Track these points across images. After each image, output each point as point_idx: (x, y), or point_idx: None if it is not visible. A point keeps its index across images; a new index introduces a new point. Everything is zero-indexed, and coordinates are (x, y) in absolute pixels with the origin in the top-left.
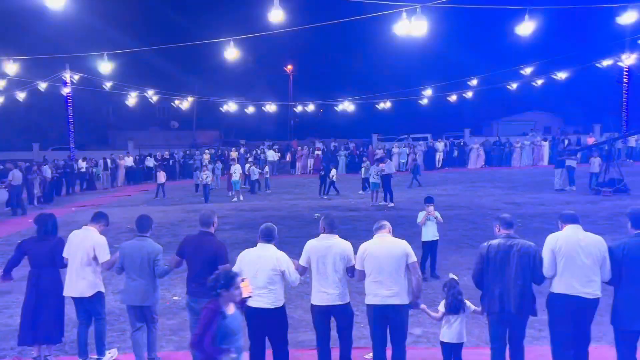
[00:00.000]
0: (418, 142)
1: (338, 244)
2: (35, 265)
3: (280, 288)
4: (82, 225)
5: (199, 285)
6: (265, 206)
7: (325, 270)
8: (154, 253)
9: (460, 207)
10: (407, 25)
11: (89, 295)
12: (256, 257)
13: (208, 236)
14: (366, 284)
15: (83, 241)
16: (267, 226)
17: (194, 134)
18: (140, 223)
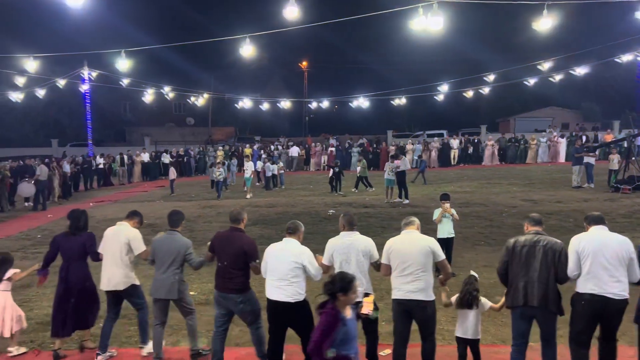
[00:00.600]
0: (432, 138)
1: (360, 240)
2: (66, 259)
3: (301, 282)
4: (100, 220)
5: (227, 281)
6: (280, 202)
7: (349, 267)
8: (184, 247)
9: (476, 204)
10: (424, 21)
11: (123, 288)
12: (279, 250)
13: (238, 232)
14: (392, 279)
15: (118, 236)
16: (292, 221)
17: (209, 131)
18: (171, 218)
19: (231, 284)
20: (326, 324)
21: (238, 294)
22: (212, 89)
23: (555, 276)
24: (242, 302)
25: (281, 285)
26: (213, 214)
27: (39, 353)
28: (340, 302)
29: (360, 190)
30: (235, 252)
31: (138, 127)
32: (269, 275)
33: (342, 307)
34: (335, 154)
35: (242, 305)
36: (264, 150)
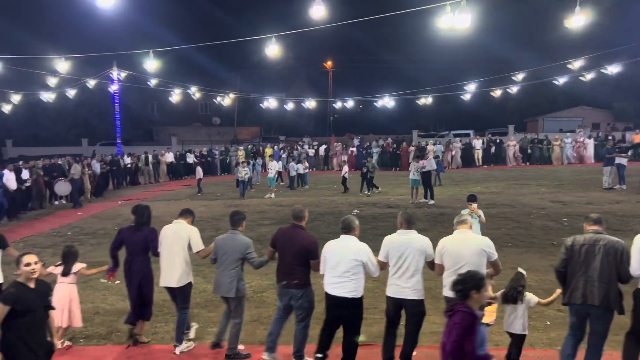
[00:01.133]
0: (454, 138)
1: (417, 239)
2: (130, 253)
3: (360, 279)
4: (127, 218)
5: (288, 276)
6: (304, 202)
7: (403, 264)
8: (245, 246)
9: (503, 205)
10: (451, 19)
11: (181, 285)
12: (338, 248)
13: (300, 229)
14: (444, 277)
15: (177, 233)
16: (346, 219)
17: (235, 130)
18: (233, 218)
19: (293, 280)
20: (464, 322)
21: (298, 289)
22: (238, 88)
23: (617, 275)
24: (301, 297)
25: (341, 281)
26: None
27: (70, 347)
28: (474, 300)
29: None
30: (297, 248)
31: (165, 127)
32: (328, 271)
33: (476, 306)
34: (357, 154)
35: (300, 300)
36: (284, 150)
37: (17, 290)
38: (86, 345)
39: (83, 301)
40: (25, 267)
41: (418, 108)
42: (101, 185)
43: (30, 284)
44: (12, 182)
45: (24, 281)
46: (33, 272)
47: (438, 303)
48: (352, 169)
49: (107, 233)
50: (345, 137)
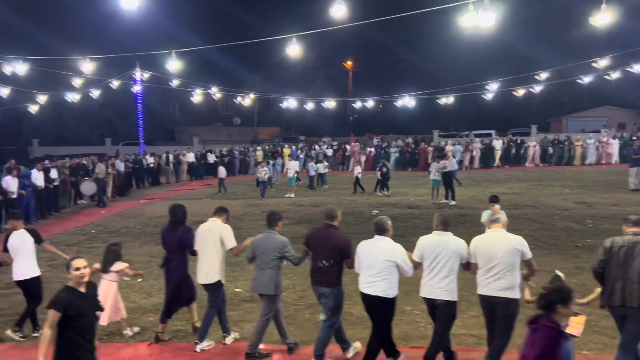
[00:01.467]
0: (474, 139)
1: (452, 240)
2: (167, 251)
3: (394, 278)
4: (151, 216)
5: (320, 274)
6: (324, 202)
7: (437, 265)
8: (283, 245)
9: (526, 206)
10: (474, 17)
11: (209, 282)
12: (372, 248)
13: (333, 229)
14: (478, 276)
15: (211, 231)
16: (380, 219)
17: (255, 130)
18: (269, 218)
19: (323, 278)
20: (549, 339)
21: (328, 287)
22: (258, 89)
23: None
24: (329, 295)
25: (374, 280)
26: (258, 212)
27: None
28: (560, 314)
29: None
30: (330, 248)
31: (187, 127)
32: (363, 271)
33: (562, 320)
34: (375, 154)
35: (327, 298)
36: (301, 150)
37: (68, 295)
38: (109, 342)
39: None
40: (75, 271)
41: (439, 108)
42: (125, 185)
43: (80, 288)
44: (40, 181)
45: (75, 286)
46: (82, 276)
47: (460, 305)
48: (370, 169)
49: (129, 231)
50: (364, 137)
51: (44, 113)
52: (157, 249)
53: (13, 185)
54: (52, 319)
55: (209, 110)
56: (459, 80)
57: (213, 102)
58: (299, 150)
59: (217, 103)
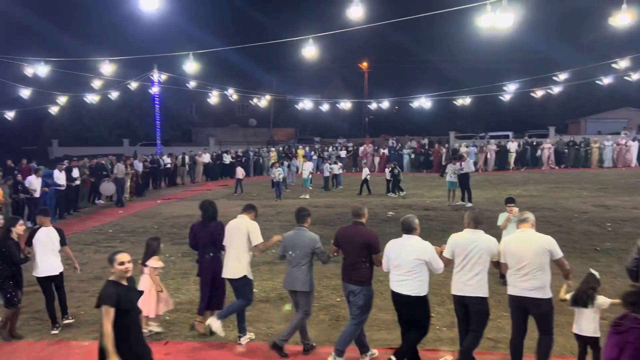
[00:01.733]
0: (489, 140)
1: (483, 239)
2: (201, 247)
3: (424, 277)
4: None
5: (351, 272)
6: (338, 203)
7: (468, 263)
8: (314, 241)
9: (544, 209)
10: (492, 18)
11: (237, 277)
12: (401, 247)
13: (360, 226)
14: (507, 276)
15: (239, 227)
16: (407, 218)
17: (271, 132)
18: (298, 215)
19: (354, 275)
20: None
21: (358, 285)
22: (274, 90)
23: None
24: (358, 293)
25: (404, 279)
26: (273, 212)
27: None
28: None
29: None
30: (359, 245)
31: (203, 128)
32: (393, 270)
33: None
34: (389, 155)
35: (356, 296)
36: (314, 152)
37: (115, 289)
38: None
39: None
40: (119, 266)
41: (456, 109)
42: (142, 185)
43: (123, 282)
44: (62, 180)
45: (117, 279)
46: (127, 270)
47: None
48: (383, 170)
49: (146, 231)
50: (380, 138)
51: (64, 114)
52: (175, 249)
53: (36, 185)
54: (108, 315)
55: (225, 111)
56: (476, 81)
57: (229, 103)
58: (312, 151)
59: (233, 104)
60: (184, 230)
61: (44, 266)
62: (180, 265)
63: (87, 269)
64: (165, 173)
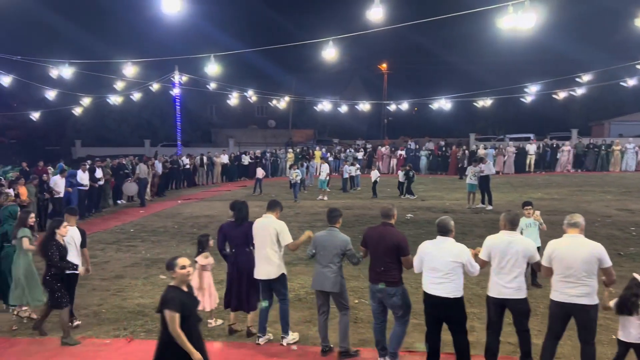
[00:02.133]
0: (508, 142)
1: (520, 241)
2: (233, 246)
3: (459, 279)
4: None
5: (380, 274)
6: (357, 205)
7: (506, 265)
8: (344, 243)
9: (566, 212)
10: (513, 19)
11: (274, 277)
12: (437, 249)
13: (389, 227)
14: (553, 281)
15: (266, 227)
16: (443, 220)
17: (289, 133)
18: (330, 215)
19: (385, 277)
20: None
21: (393, 286)
22: (293, 91)
23: None
24: (394, 294)
25: (441, 282)
26: (291, 214)
27: (131, 340)
28: None
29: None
30: (388, 246)
31: (223, 129)
32: (428, 272)
33: None
34: (406, 157)
35: (394, 298)
36: (331, 153)
37: (178, 294)
38: (146, 339)
39: (143, 296)
40: (181, 270)
41: (476, 110)
42: (162, 185)
43: (183, 287)
44: (85, 181)
45: (179, 284)
46: (188, 274)
47: None
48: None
49: (166, 231)
50: (399, 139)
51: (87, 115)
52: (194, 249)
53: (61, 185)
54: (174, 319)
55: (244, 113)
56: (497, 83)
57: (249, 104)
58: (328, 153)
59: (252, 106)
60: (204, 230)
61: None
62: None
63: (109, 268)
64: (185, 174)
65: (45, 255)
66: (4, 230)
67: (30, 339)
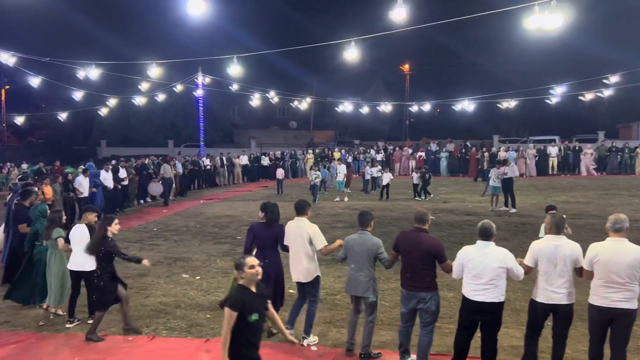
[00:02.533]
0: (528, 145)
1: (566, 245)
2: (261, 248)
3: (504, 284)
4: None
5: (415, 279)
6: (378, 206)
7: (554, 270)
8: (376, 246)
9: (591, 216)
10: (539, 19)
11: (309, 280)
12: (480, 254)
13: (423, 232)
14: (593, 285)
15: (300, 231)
16: (485, 224)
17: (311, 134)
18: (361, 218)
19: (419, 282)
20: None
21: (428, 291)
22: (314, 92)
23: None
24: (429, 299)
25: (486, 288)
26: (312, 215)
27: (153, 338)
28: None
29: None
30: (422, 251)
31: (245, 130)
32: (470, 278)
33: None
34: (426, 158)
35: (428, 303)
36: (349, 155)
37: (243, 294)
38: (168, 336)
39: (166, 294)
40: (250, 269)
41: (500, 112)
42: (184, 185)
43: (252, 287)
44: (109, 181)
45: (247, 284)
46: (257, 274)
47: (518, 316)
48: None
49: (189, 230)
50: (421, 141)
51: (112, 115)
52: (215, 248)
53: (85, 185)
54: (230, 318)
55: (266, 114)
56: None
57: (270, 105)
58: (347, 154)
59: (274, 106)
60: (225, 230)
61: (75, 261)
62: (222, 264)
63: (132, 266)
64: (206, 174)
65: (100, 253)
66: (34, 229)
67: (56, 334)
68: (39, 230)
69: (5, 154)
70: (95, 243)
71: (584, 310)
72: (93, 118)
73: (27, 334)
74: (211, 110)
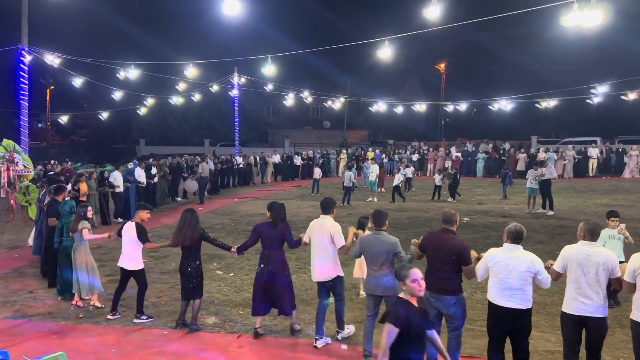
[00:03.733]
0: (567, 146)
1: (601, 252)
2: (267, 247)
3: (531, 289)
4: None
5: (440, 282)
6: (411, 207)
7: (585, 278)
8: (393, 245)
9: (634, 220)
10: (578, 17)
11: (331, 278)
12: (508, 258)
13: (450, 234)
14: (636, 299)
15: (322, 229)
16: (515, 227)
17: (344, 134)
18: (376, 217)
19: (444, 285)
20: None
21: (453, 295)
22: (348, 92)
23: None
24: (455, 304)
25: (513, 293)
26: (344, 214)
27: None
28: None
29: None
30: (448, 254)
31: (279, 129)
32: (497, 283)
33: None
34: (462, 159)
35: (454, 307)
36: (384, 155)
37: (406, 310)
38: (201, 331)
39: None
40: (412, 283)
41: (539, 112)
42: (216, 183)
43: (413, 301)
44: (142, 178)
45: (409, 298)
46: (420, 289)
47: (554, 320)
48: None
49: (223, 228)
50: (457, 141)
51: (150, 114)
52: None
53: (119, 180)
54: (390, 335)
55: (300, 113)
56: (562, 83)
57: (304, 105)
58: (383, 154)
59: (308, 106)
60: None
61: (122, 257)
62: (255, 262)
63: (168, 262)
64: (239, 173)
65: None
66: (61, 223)
67: (94, 326)
68: (66, 224)
69: (50, 151)
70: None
71: (624, 317)
72: (132, 117)
73: (68, 325)
74: (246, 109)
